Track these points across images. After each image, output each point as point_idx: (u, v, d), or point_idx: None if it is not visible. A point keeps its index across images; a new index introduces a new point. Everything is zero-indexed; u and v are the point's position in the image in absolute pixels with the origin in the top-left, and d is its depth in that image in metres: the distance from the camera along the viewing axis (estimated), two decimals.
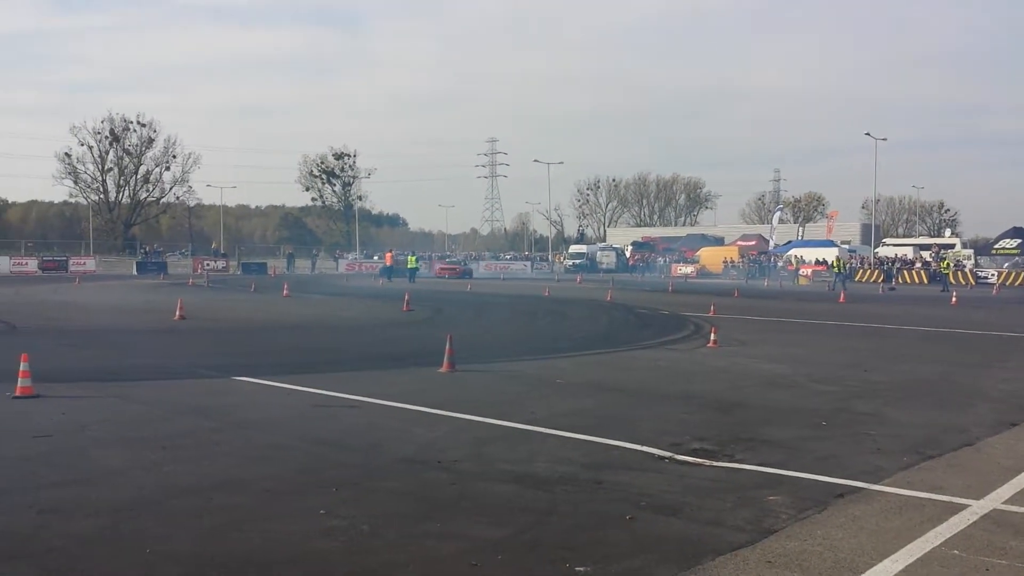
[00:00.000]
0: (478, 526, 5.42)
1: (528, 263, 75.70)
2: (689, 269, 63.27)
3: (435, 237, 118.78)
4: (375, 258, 71.25)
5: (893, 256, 59.39)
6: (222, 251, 68.08)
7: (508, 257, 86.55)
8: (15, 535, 5.16)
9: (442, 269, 55.63)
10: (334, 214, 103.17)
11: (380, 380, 11.54)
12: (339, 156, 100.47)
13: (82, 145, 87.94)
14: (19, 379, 9.73)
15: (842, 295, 33.92)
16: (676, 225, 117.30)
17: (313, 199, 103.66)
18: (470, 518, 5.60)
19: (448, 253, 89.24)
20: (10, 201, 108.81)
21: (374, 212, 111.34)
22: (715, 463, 7.10)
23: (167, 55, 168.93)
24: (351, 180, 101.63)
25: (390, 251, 51.10)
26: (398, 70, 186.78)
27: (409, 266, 44.28)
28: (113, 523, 5.41)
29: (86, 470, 6.73)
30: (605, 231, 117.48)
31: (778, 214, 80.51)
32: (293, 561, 4.80)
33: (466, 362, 12.72)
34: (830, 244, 63.14)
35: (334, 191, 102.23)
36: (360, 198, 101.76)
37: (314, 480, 6.49)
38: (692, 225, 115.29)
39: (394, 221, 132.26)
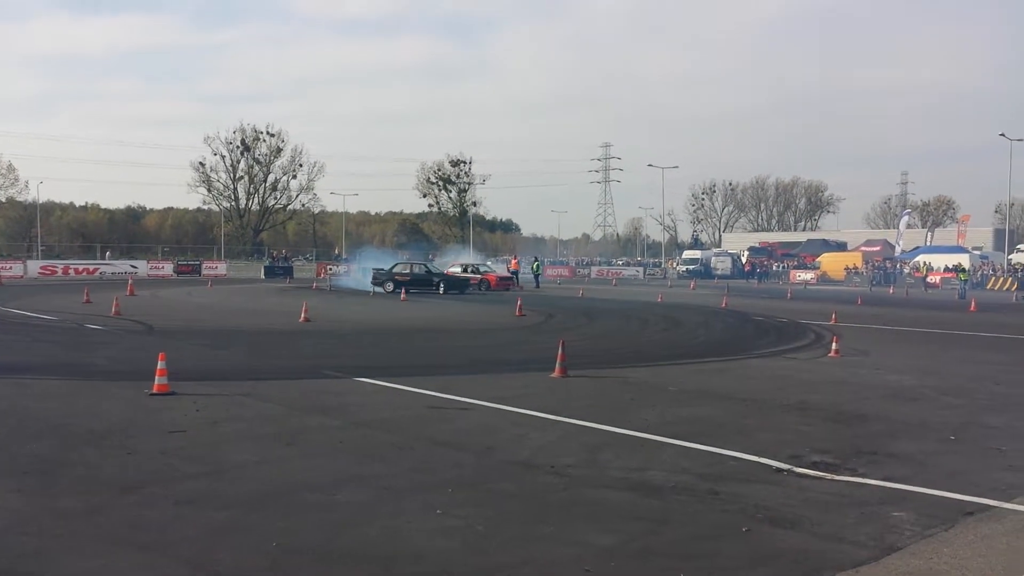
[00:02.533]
0: (591, 532, 5.46)
1: (640, 269, 75.02)
2: (809, 276, 61.28)
3: (547, 242, 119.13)
4: (488, 263, 72.15)
5: None
6: (344, 256, 70.30)
7: (620, 263, 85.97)
8: (153, 524, 5.52)
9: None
10: (449, 220, 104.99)
11: (494, 384, 11.70)
12: (455, 163, 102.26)
13: (215, 155, 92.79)
14: (156, 377, 10.37)
15: (972, 303, 32.17)
16: (796, 230, 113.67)
17: (430, 205, 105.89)
18: (582, 523, 5.63)
19: (560, 258, 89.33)
20: (148, 208, 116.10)
21: (488, 217, 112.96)
22: (836, 477, 6.89)
23: (295, 67, 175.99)
24: (466, 186, 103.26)
25: (515, 257, 51.65)
26: (515, 75, 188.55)
27: (533, 271, 45.39)
28: (243, 515, 5.72)
29: (218, 464, 7.12)
30: (720, 236, 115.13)
31: (905, 218, 77.03)
32: (413, 558, 4.95)
33: (578, 368, 12.75)
34: (960, 250, 59.94)
35: (450, 197, 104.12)
36: (475, 204, 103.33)
37: (431, 480, 6.67)
38: (813, 230, 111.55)
39: (507, 226, 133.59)
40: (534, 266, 47.90)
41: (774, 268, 68.12)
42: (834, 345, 16.03)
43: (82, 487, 6.34)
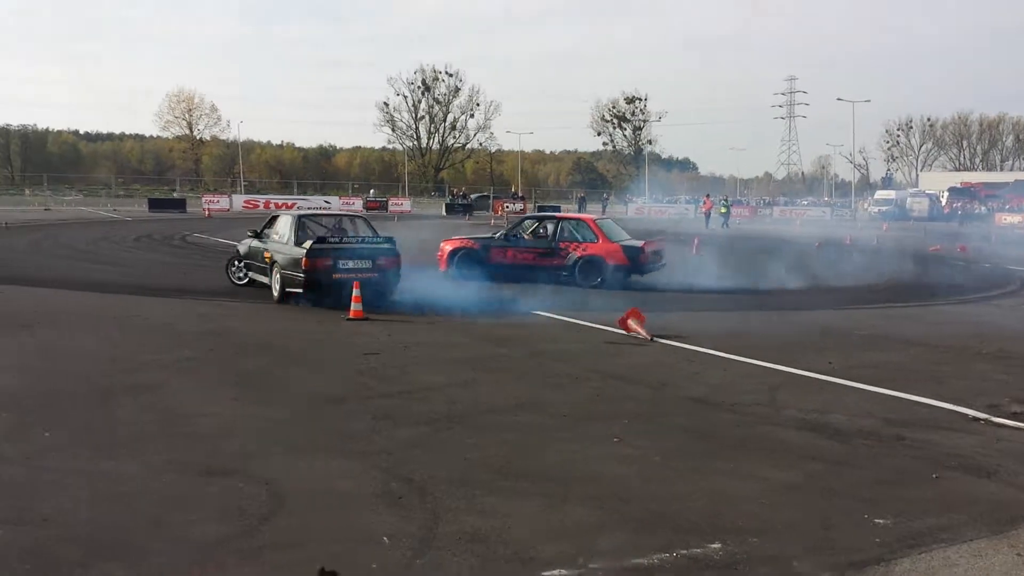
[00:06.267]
0: (767, 468, 5.43)
1: (828, 209, 71.28)
2: (1017, 219, 56.14)
3: (726, 182, 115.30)
4: (664, 202, 70.95)
5: None
6: (520, 194, 71.28)
7: (805, 203, 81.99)
8: (352, 435, 6.01)
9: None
10: (624, 158, 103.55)
11: (671, 321, 11.63)
12: (630, 100, 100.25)
13: (398, 95, 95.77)
14: (352, 304, 11.10)
15: None
16: (1002, 170, 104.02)
17: (604, 144, 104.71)
18: (759, 460, 5.61)
19: (741, 198, 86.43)
20: (338, 147, 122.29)
21: (664, 156, 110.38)
22: None
23: (472, 6, 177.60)
24: (641, 124, 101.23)
25: (707, 196, 50.41)
26: (691, 9, 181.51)
27: (721, 211, 44.07)
28: (434, 432, 6.11)
29: (409, 384, 7.60)
30: (917, 176, 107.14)
31: None
32: (590, 480, 5.14)
33: (763, 309, 12.47)
34: None
35: (624, 135, 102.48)
36: (650, 142, 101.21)
37: (607, 410, 6.83)
38: (1022, 170, 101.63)
39: (684, 165, 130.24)
40: (724, 206, 46.48)
41: (977, 210, 62.85)
42: None
43: (289, 399, 6.97)
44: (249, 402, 6.83)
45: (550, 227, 15.87)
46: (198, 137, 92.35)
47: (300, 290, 11.90)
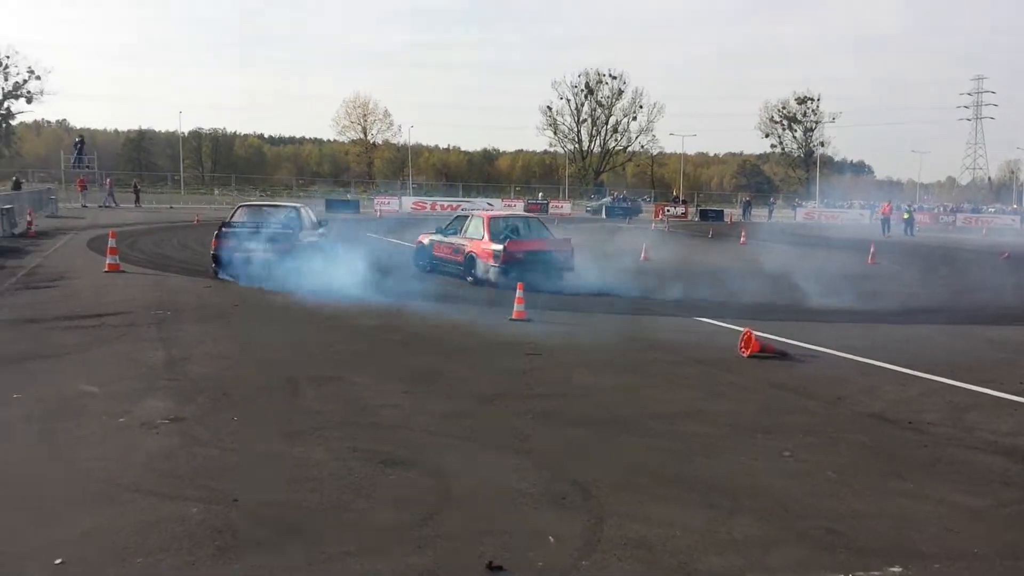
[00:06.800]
0: (953, 492, 5.11)
1: (1016, 217, 65.79)
2: None
3: (904, 186, 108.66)
4: (836, 207, 67.80)
5: None
6: (681, 198, 70.12)
7: (992, 210, 76.10)
8: (515, 431, 6.12)
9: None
10: (793, 161, 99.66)
11: (843, 332, 11.13)
12: (801, 101, 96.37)
13: (561, 99, 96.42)
14: (515, 305, 11.30)
15: None
16: None
17: (772, 146, 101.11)
18: (944, 483, 5.28)
19: (920, 204, 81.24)
20: (500, 150, 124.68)
21: (836, 159, 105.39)
22: None
23: (635, 8, 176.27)
24: (813, 125, 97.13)
25: (887, 202, 47.95)
26: (868, 3, 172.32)
27: (904, 217, 41.87)
28: (596, 434, 6.13)
29: (568, 385, 7.67)
30: None
31: None
32: (759, 493, 5.01)
33: (936, 323, 11.71)
34: None
35: (794, 137, 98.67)
36: (822, 144, 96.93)
37: (776, 422, 6.62)
38: None
39: (858, 169, 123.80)
40: (908, 212, 43.98)
41: None
42: None
43: (456, 395, 7.19)
44: (419, 396, 7.10)
45: (462, 224, 16.35)
46: (371, 141, 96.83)
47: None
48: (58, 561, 3.86)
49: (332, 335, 9.81)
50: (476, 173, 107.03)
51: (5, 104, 78.58)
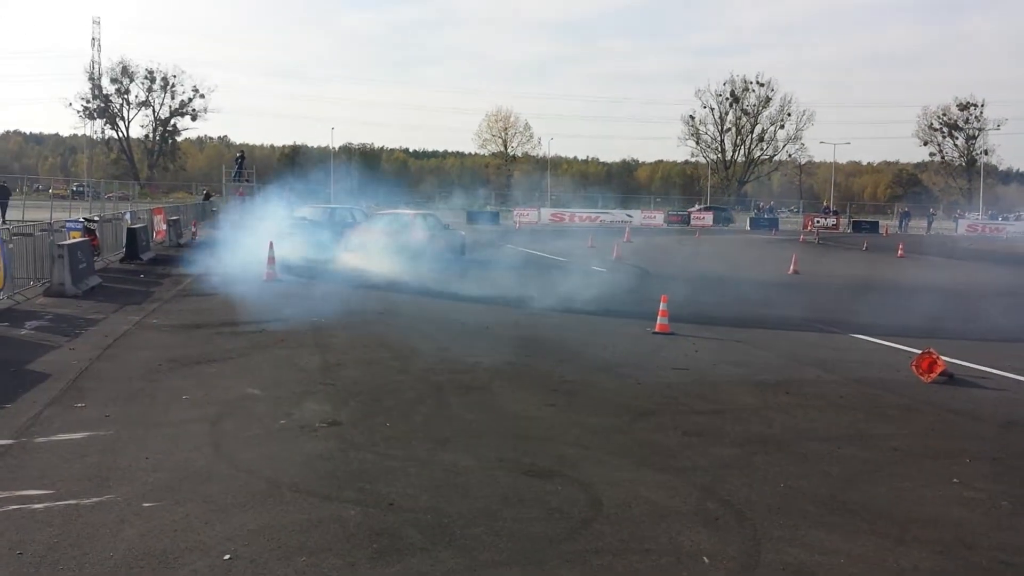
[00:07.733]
0: None
1: None
2: None
3: None
4: (1000, 220, 63.36)
5: None
6: (832, 208, 67.28)
7: None
8: (665, 450, 6.00)
9: None
10: (954, 170, 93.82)
11: (1015, 353, 10.34)
12: (963, 107, 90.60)
13: (704, 107, 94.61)
14: (658, 317, 11.12)
15: None
16: None
17: (931, 154, 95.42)
18: None
19: None
20: (640, 161, 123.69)
21: (1000, 168, 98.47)
22: None
23: (780, 13, 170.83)
24: (976, 133, 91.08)
25: None
26: None
27: None
28: (748, 454, 5.93)
29: (719, 402, 7.45)
30: None
31: None
32: (927, 522, 4.71)
33: None
34: None
35: (955, 145, 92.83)
36: (986, 152, 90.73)
37: (945, 447, 6.21)
38: None
39: None
40: None
41: None
42: None
43: (601, 408, 7.13)
44: (564, 408, 7.08)
45: None
46: (511, 154, 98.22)
47: None
48: (227, 556, 4.06)
49: (476, 343, 9.93)
50: (615, 184, 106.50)
51: (172, 121, 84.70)
